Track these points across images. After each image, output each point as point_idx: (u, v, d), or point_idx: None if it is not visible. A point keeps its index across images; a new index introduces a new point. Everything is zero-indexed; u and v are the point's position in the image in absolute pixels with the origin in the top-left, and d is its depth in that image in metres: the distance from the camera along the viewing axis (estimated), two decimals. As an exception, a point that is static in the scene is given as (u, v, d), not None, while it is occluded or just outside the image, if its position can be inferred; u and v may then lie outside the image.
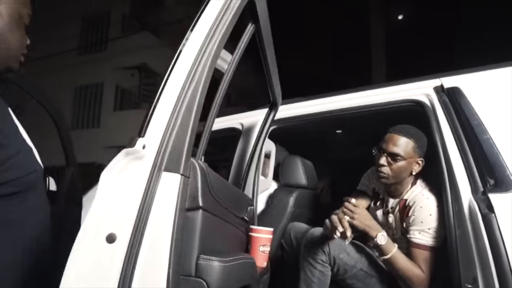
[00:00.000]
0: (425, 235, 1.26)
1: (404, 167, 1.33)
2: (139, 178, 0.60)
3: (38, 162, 0.72)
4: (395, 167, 1.32)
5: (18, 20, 0.74)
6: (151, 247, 0.59)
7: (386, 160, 1.33)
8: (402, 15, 9.61)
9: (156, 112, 0.62)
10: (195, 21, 0.70)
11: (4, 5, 0.70)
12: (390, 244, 1.25)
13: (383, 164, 1.33)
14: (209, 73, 0.71)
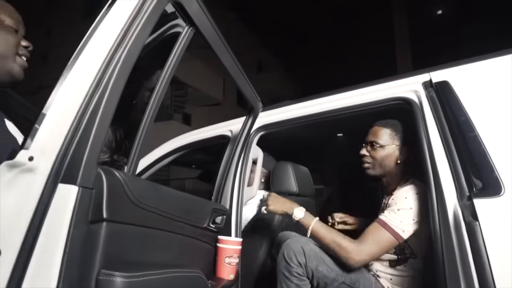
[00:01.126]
0: (391, 214, 1.22)
1: (385, 154, 1.37)
2: (30, 190, 0.58)
3: None
4: (375, 154, 1.39)
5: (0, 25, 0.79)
6: (40, 262, 0.57)
7: (366, 150, 1.42)
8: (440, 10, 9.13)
9: (45, 122, 0.60)
10: (102, 16, 0.67)
11: None
12: (309, 217, 1.31)
13: (364, 154, 1.43)
14: (119, 81, 0.68)
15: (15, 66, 0.82)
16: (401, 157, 1.35)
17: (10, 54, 0.81)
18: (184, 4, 0.81)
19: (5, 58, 0.80)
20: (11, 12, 0.83)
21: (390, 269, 1.30)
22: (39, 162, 0.59)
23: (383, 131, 1.40)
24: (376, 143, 1.38)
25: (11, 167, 0.57)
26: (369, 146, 1.41)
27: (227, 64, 1.09)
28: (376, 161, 1.39)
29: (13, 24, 0.82)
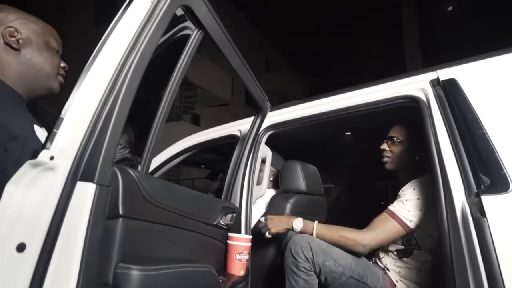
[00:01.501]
0: (399, 204, 1.26)
1: (403, 149, 1.43)
2: (51, 188, 0.61)
3: None
4: (394, 149, 1.46)
5: (45, 46, 0.89)
6: (62, 255, 0.60)
7: (387, 144, 1.48)
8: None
9: (65, 123, 0.63)
10: (115, 23, 0.70)
11: (30, 34, 0.87)
12: (309, 224, 1.36)
13: (384, 149, 1.49)
14: (133, 83, 0.71)
15: (55, 84, 0.92)
16: (416, 153, 1.39)
17: (53, 73, 0.91)
18: (194, 9, 0.84)
19: (49, 76, 0.90)
20: (55, 36, 0.94)
21: (399, 262, 1.32)
22: (59, 161, 0.62)
23: (403, 129, 1.46)
24: (396, 138, 1.45)
25: (34, 166, 0.60)
26: (389, 141, 1.48)
27: (236, 65, 1.11)
28: (395, 155, 1.45)
29: (57, 46, 0.93)
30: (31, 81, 0.86)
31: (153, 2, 0.74)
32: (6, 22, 0.83)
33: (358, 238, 1.25)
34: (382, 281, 1.30)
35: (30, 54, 0.85)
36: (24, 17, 0.88)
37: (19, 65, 0.84)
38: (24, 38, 0.85)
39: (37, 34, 0.88)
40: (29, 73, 0.86)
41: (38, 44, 0.87)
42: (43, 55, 0.88)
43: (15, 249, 0.58)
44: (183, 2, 0.80)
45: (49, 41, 0.90)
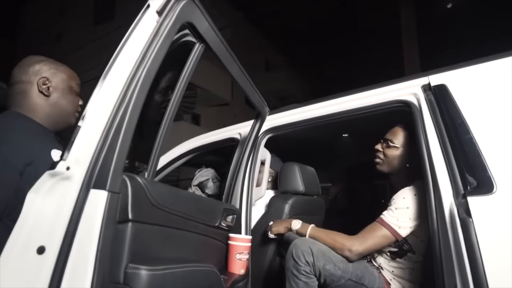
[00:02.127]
0: (388, 213, 1.30)
1: (396, 155, 1.43)
2: (67, 195, 0.67)
3: None
4: (388, 152, 1.45)
5: (69, 91, 1.11)
6: (78, 257, 0.66)
7: (381, 146, 1.48)
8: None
9: (79, 136, 0.69)
10: (123, 44, 0.76)
11: (60, 82, 1.08)
12: (304, 226, 1.43)
13: (377, 149, 1.49)
14: (140, 96, 0.77)
15: (73, 120, 1.12)
16: (409, 159, 1.40)
17: (73, 112, 1.12)
18: (196, 24, 0.90)
19: (70, 115, 1.11)
20: (77, 80, 1.14)
21: (392, 262, 1.38)
22: (75, 171, 0.68)
23: (403, 133, 1.45)
24: (391, 142, 1.45)
25: (52, 176, 0.66)
26: (384, 143, 1.48)
27: (236, 75, 1.17)
28: (387, 159, 1.45)
29: (77, 89, 1.13)
30: (55, 118, 1.08)
31: (158, 21, 0.79)
32: (41, 73, 1.04)
33: (347, 243, 1.30)
34: (378, 281, 1.35)
35: (57, 98, 1.07)
36: (55, 67, 1.08)
37: (48, 107, 1.06)
38: (53, 86, 1.06)
39: (64, 82, 1.09)
40: (54, 113, 1.07)
41: (63, 90, 1.09)
42: (67, 99, 1.09)
43: (35, 251, 0.64)
44: (185, 20, 0.86)
45: (72, 86, 1.12)
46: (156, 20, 0.80)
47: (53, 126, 1.09)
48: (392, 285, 1.37)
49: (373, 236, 1.29)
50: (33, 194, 0.66)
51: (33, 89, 1.03)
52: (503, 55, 1.19)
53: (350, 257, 1.30)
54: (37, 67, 1.05)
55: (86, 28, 12.50)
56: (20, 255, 0.64)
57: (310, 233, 1.39)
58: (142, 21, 0.78)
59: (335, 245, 1.32)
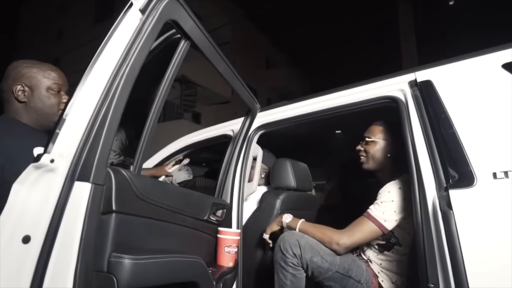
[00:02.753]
0: (375, 206, 1.34)
1: (376, 148, 1.49)
2: (52, 187, 0.70)
3: None
4: (368, 148, 1.51)
5: (47, 92, 1.11)
6: (62, 246, 0.69)
7: (361, 145, 1.54)
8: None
9: (64, 130, 0.71)
10: (106, 41, 0.78)
11: (35, 87, 1.09)
12: (295, 220, 1.47)
13: (359, 149, 1.55)
14: (124, 93, 0.80)
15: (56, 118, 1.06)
16: (391, 151, 1.45)
17: (53, 112, 1.12)
18: (180, 22, 0.92)
19: (50, 115, 1.12)
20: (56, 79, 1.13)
21: (380, 255, 1.40)
22: (59, 164, 0.70)
23: (377, 127, 1.52)
24: (369, 137, 1.51)
25: (36, 168, 0.69)
26: (363, 141, 1.53)
27: (223, 72, 1.19)
28: (369, 154, 1.50)
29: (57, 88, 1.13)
30: (38, 121, 1.11)
31: (141, 19, 0.82)
32: (16, 80, 1.08)
33: (335, 237, 1.32)
34: (366, 273, 1.38)
35: (34, 102, 1.10)
36: (29, 71, 1.10)
37: (27, 111, 1.10)
38: (28, 91, 1.09)
39: (39, 85, 1.10)
40: (35, 116, 1.10)
41: (38, 93, 1.10)
42: (42, 101, 1.11)
43: (21, 240, 0.67)
44: (169, 17, 0.88)
45: (50, 86, 1.12)
46: (140, 18, 0.82)
47: (41, 127, 1.12)
48: (380, 277, 1.40)
49: (360, 230, 1.32)
50: (18, 185, 0.68)
51: (12, 97, 1.08)
52: (487, 51, 1.21)
53: (338, 251, 1.33)
54: (13, 74, 1.09)
55: (86, 26, 12.52)
56: (6, 245, 0.66)
57: (300, 227, 1.42)
58: (126, 19, 0.80)
59: (323, 238, 1.34)
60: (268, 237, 1.55)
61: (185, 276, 0.93)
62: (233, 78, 1.28)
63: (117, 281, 0.72)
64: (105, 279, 0.72)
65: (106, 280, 0.72)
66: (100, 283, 0.72)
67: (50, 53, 12.60)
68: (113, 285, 0.71)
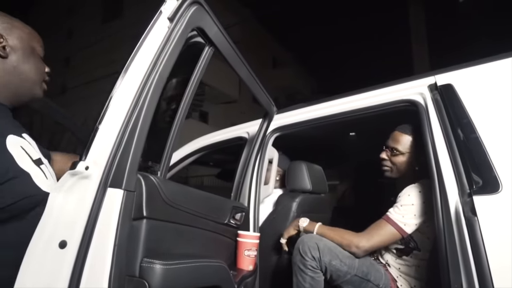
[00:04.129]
0: (394, 210, 1.33)
1: (404, 160, 1.44)
2: (87, 193, 0.71)
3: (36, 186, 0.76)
4: (395, 160, 1.46)
5: (31, 52, 0.87)
6: (97, 251, 0.70)
7: (386, 154, 1.49)
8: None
9: (97, 138, 0.73)
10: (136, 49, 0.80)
11: (16, 41, 0.84)
12: (312, 224, 1.48)
13: (384, 158, 1.50)
14: (153, 100, 0.81)
15: (40, 91, 0.90)
16: (417, 162, 1.41)
17: (39, 81, 0.89)
18: (205, 29, 0.93)
19: (35, 84, 0.88)
20: (39, 41, 0.90)
21: (399, 259, 1.40)
22: (93, 171, 0.72)
23: (405, 138, 1.44)
24: (397, 150, 1.44)
25: (72, 175, 0.70)
26: (390, 152, 1.48)
27: (244, 77, 1.20)
28: (395, 166, 1.46)
29: (41, 52, 0.90)
30: (16, 89, 0.84)
31: (170, 27, 0.83)
32: None
33: (354, 240, 1.32)
34: (384, 277, 1.38)
35: (16, 62, 0.83)
36: (9, 21, 0.84)
37: (5, 73, 0.82)
38: (10, 45, 0.82)
39: (23, 41, 0.85)
40: (14, 82, 0.83)
41: (24, 51, 0.84)
42: (29, 63, 0.86)
43: (58, 245, 0.69)
44: (196, 25, 0.89)
45: (34, 47, 0.88)
46: (168, 26, 0.83)
47: (13, 100, 0.85)
48: (399, 282, 1.39)
49: (379, 234, 1.32)
50: (55, 192, 0.70)
51: None
52: (509, 55, 1.20)
53: (357, 253, 1.33)
54: None
55: (94, 26, 12.66)
56: (44, 249, 0.68)
57: (317, 230, 1.42)
58: (155, 27, 0.81)
59: (342, 241, 1.34)
60: (285, 242, 1.55)
61: (210, 281, 0.95)
62: (253, 82, 1.29)
63: (149, 286, 0.73)
64: (138, 284, 0.73)
65: (138, 285, 0.73)
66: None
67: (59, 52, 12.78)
68: (145, 289, 0.73)
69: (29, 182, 0.75)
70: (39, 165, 0.81)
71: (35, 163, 0.80)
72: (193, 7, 0.86)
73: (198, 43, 1.04)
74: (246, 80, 1.24)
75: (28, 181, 0.75)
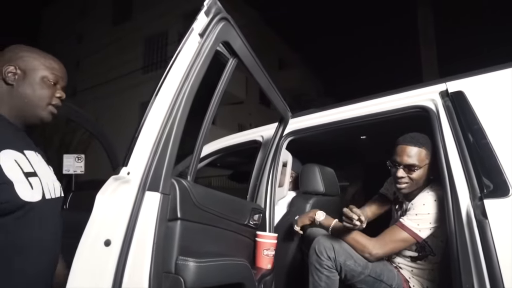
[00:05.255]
0: (408, 217, 1.35)
1: (422, 174, 1.39)
2: (128, 197, 0.78)
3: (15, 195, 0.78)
4: (414, 176, 1.39)
5: (41, 80, 0.94)
6: (137, 249, 0.77)
7: (404, 172, 1.40)
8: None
9: (137, 145, 0.80)
10: (171, 64, 0.87)
11: (28, 70, 0.93)
12: (328, 219, 1.51)
13: (402, 176, 1.40)
14: (185, 110, 0.87)
15: (45, 114, 0.96)
16: (432, 172, 1.39)
17: (42, 105, 0.95)
18: (231, 43, 1.00)
19: (37, 107, 0.95)
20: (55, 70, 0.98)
21: (412, 263, 1.44)
22: (134, 176, 0.79)
23: (420, 152, 1.38)
24: (415, 166, 1.37)
25: (115, 179, 0.77)
26: (406, 169, 1.39)
27: (264, 85, 1.27)
28: (414, 181, 1.39)
29: (54, 79, 0.97)
30: (21, 112, 0.93)
31: (200, 42, 0.89)
32: (10, 61, 0.93)
33: (369, 245, 1.35)
34: (397, 278, 1.42)
35: (22, 87, 0.92)
36: (28, 54, 0.95)
37: (11, 98, 0.92)
38: (19, 74, 0.92)
39: (33, 70, 0.94)
40: (18, 104, 0.92)
41: (31, 79, 0.93)
42: (33, 88, 0.93)
43: (103, 243, 0.75)
44: (223, 39, 0.96)
45: (46, 76, 0.95)
46: (198, 41, 0.90)
47: (22, 120, 0.95)
48: (411, 282, 1.44)
49: (393, 240, 1.35)
50: (100, 195, 0.77)
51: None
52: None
53: (369, 259, 1.36)
54: (8, 55, 0.94)
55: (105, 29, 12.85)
56: (91, 247, 0.75)
57: (333, 226, 1.46)
58: (187, 42, 0.88)
59: (356, 245, 1.38)
60: (299, 229, 1.60)
61: (236, 278, 1.01)
62: (271, 89, 1.35)
63: (184, 282, 0.79)
64: (174, 280, 0.80)
65: (175, 281, 0.80)
66: (169, 284, 0.80)
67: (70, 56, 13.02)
68: (181, 285, 0.79)
69: (9, 190, 0.78)
70: (28, 177, 0.84)
71: (25, 175, 0.83)
72: (222, 23, 0.93)
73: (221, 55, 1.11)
74: (265, 88, 1.30)
75: (7, 188, 0.78)
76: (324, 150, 2.39)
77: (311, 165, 1.90)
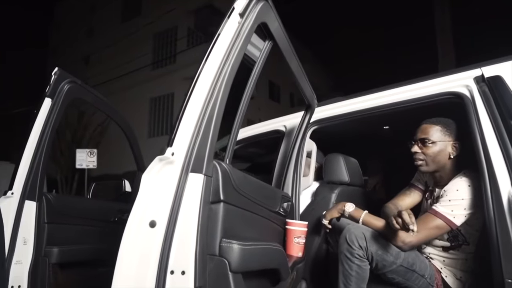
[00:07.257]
0: (441, 204, 1.32)
1: (437, 150, 1.41)
2: (172, 178, 0.77)
3: None
4: (428, 151, 1.42)
5: None
6: (183, 231, 0.76)
7: (418, 147, 1.45)
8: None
9: (181, 126, 0.79)
10: (211, 47, 0.85)
11: None
12: (358, 210, 1.48)
13: (416, 151, 1.45)
14: (226, 91, 0.86)
15: None
16: (454, 152, 1.40)
17: None
18: (269, 24, 0.97)
19: None
20: None
21: (443, 252, 1.41)
22: (178, 157, 0.78)
23: (434, 128, 1.42)
24: (428, 139, 1.41)
25: (160, 160, 0.76)
26: (420, 143, 1.44)
27: (294, 69, 1.24)
28: (429, 157, 1.42)
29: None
30: None
31: (240, 22, 0.87)
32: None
33: (401, 234, 1.31)
34: (429, 268, 1.39)
35: None
36: None
37: None
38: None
39: None
40: None
41: None
42: None
43: (148, 225, 0.75)
44: (261, 20, 0.93)
45: None
46: (238, 21, 0.88)
47: None
48: (443, 273, 1.41)
49: (427, 228, 1.31)
50: (146, 175, 0.76)
51: None
52: None
53: (403, 248, 1.32)
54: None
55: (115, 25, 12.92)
56: (137, 228, 0.74)
57: (364, 218, 1.43)
58: (228, 22, 0.86)
59: (388, 234, 1.34)
60: (327, 222, 1.57)
61: (273, 264, 1.00)
62: (301, 75, 1.32)
63: (229, 264, 0.78)
64: (219, 262, 0.79)
65: (219, 263, 0.79)
66: (214, 266, 0.79)
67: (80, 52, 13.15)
68: (225, 267, 0.78)
69: None
70: None
71: None
72: (261, 3, 0.91)
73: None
74: (295, 72, 1.27)
75: None
76: (344, 141, 2.36)
77: (335, 154, 1.87)
